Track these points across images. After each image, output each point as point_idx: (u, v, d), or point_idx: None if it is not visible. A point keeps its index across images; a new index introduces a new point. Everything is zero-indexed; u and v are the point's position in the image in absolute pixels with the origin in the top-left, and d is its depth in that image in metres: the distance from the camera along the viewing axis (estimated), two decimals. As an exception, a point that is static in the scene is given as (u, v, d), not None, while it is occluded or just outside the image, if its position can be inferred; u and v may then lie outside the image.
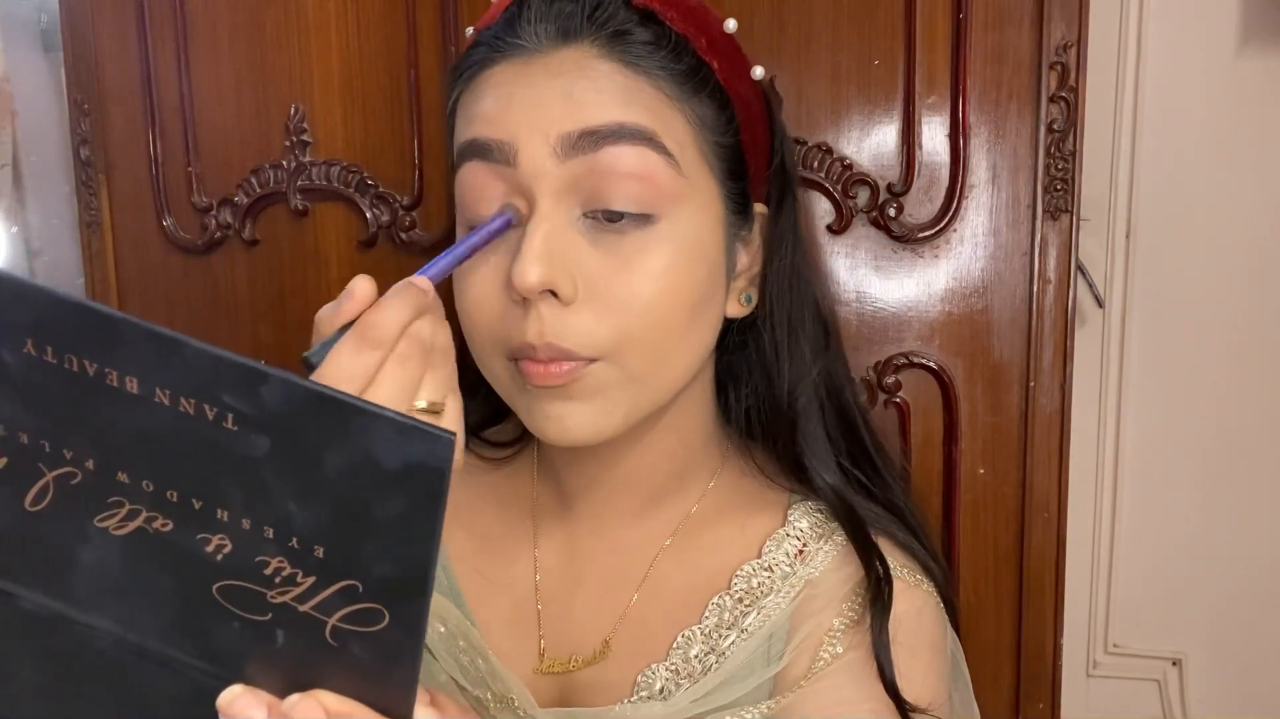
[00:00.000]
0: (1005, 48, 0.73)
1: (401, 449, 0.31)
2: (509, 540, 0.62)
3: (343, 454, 0.32)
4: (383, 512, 0.32)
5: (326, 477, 0.32)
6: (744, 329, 0.58)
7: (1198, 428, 0.94)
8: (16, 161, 1.10)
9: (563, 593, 0.60)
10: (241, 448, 0.32)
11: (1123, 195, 0.93)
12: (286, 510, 0.33)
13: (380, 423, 0.31)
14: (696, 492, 0.60)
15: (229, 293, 0.90)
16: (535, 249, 0.47)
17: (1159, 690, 0.98)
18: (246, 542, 0.34)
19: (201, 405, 0.32)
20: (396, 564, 0.33)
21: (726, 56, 0.53)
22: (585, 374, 0.49)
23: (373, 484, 0.32)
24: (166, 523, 0.34)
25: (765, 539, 0.58)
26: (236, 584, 0.34)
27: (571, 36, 0.49)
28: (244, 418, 0.32)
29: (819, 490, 0.58)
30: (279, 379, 0.31)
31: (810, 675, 0.53)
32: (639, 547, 0.59)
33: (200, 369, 0.31)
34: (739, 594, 0.56)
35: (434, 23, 0.81)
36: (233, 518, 0.33)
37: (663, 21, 0.50)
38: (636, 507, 0.59)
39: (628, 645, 0.57)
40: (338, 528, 0.33)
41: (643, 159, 0.48)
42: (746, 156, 0.54)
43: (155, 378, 0.32)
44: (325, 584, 0.34)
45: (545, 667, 0.58)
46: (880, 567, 0.54)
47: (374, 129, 0.84)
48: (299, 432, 0.32)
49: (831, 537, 0.57)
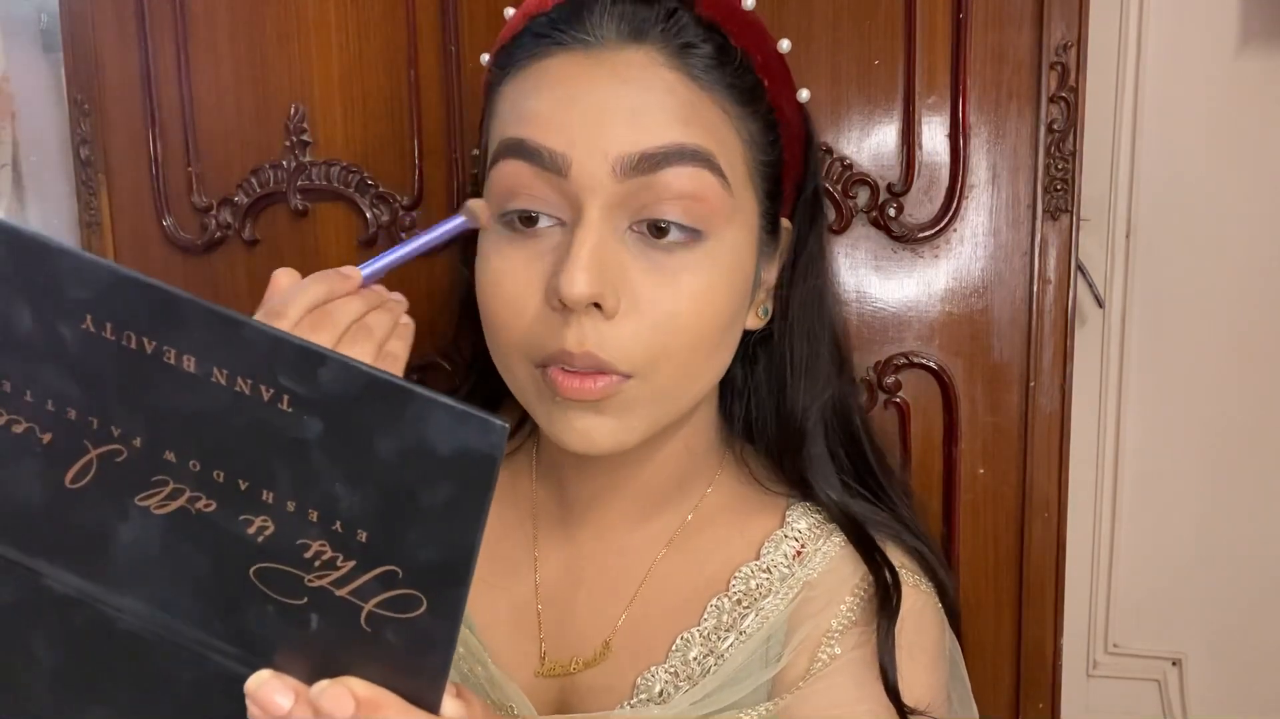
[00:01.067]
0: (1005, 48, 0.73)
1: (456, 435, 0.31)
2: (508, 544, 0.62)
3: (395, 439, 0.32)
4: (430, 497, 0.32)
5: (377, 460, 0.32)
6: (758, 342, 0.58)
7: (1198, 428, 0.94)
8: (16, 161, 1.10)
9: (563, 596, 0.60)
10: (294, 429, 0.32)
11: (1123, 195, 0.93)
12: (333, 493, 0.33)
13: (437, 408, 0.31)
14: (697, 495, 0.60)
15: (229, 293, 0.90)
16: (584, 260, 0.46)
17: (1159, 690, 0.98)
18: (289, 524, 0.34)
19: (258, 386, 0.32)
20: (440, 550, 0.33)
21: (778, 76, 0.53)
22: (618, 392, 0.49)
23: (423, 470, 0.32)
24: (210, 503, 0.34)
25: (763, 541, 0.58)
26: (275, 567, 0.34)
27: (642, 38, 0.48)
28: (299, 399, 0.32)
29: (823, 504, 0.58)
30: (337, 362, 0.31)
31: (808, 677, 0.53)
32: (639, 550, 0.59)
33: (259, 349, 0.32)
34: (737, 596, 0.56)
35: (434, 23, 0.81)
36: (278, 500, 0.33)
37: (725, 35, 0.49)
38: (639, 512, 0.59)
39: (627, 647, 0.57)
40: (383, 512, 0.33)
41: (698, 180, 0.48)
42: (784, 176, 0.54)
43: (213, 357, 0.32)
44: (365, 569, 0.34)
45: (546, 670, 0.58)
46: (889, 573, 0.55)
47: (374, 129, 0.84)
48: (353, 415, 0.32)
49: (830, 538, 0.57)
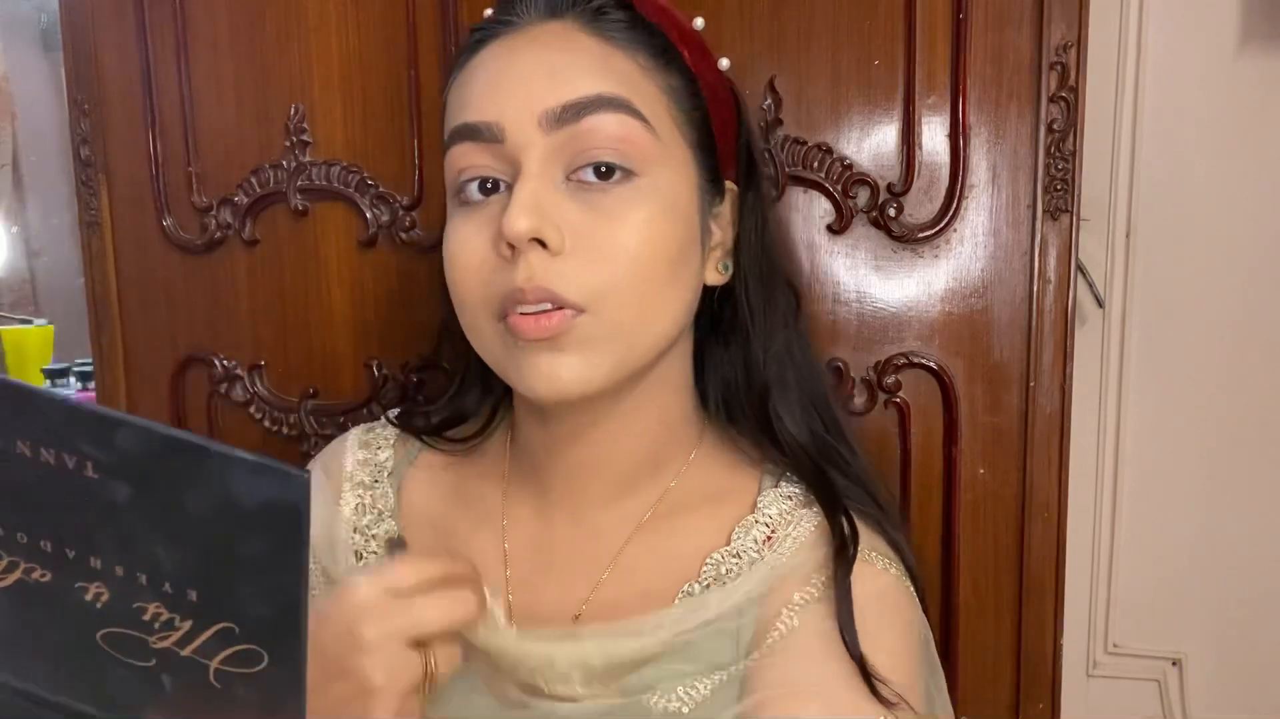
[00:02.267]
0: (1005, 48, 0.73)
1: (258, 488, 0.32)
2: (476, 536, 0.62)
3: (202, 496, 0.32)
4: (248, 550, 0.33)
5: (190, 519, 0.32)
6: (720, 304, 0.61)
7: (1198, 427, 0.94)
8: (16, 161, 1.11)
9: (534, 577, 0.60)
10: (104, 494, 0.32)
11: (1123, 195, 0.93)
12: (155, 555, 0.33)
13: (234, 463, 0.32)
14: (670, 476, 0.60)
15: (229, 293, 0.90)
16: (523, 201, 0.50)
17: (1159, 690, 0.98)
18: (122, 588, 0.34)
19: (61, 454, 0.32)
20: (268, 604, 0.33)
21: (695, 47, 0.57)
22: (573, 326, 0.51)
23: (234, 524, 0.32)
24: (45, 573, 0.34)
25: (734, 526, 0.58)
26: (119, 631, 0.35)
27: (558, 13, 0.54)
28: (102, 465, 0.32)
29: (791, 454, 0.59)
30: (132, 425, 0.32)
31: (764, 648, 0.53)
32: (611, 530, 0.60)
33: (55, 419, 0.32)
34: (707, 581, 0.56)
35: (434, 23, 0.81)
36: (106, 565, 0.34)
37: (636, 10, 0.54)
38: (612, 491, 0.60)
39: (597, 625, 0.57)
40: (207, 570, 0.33)
41: (622, 124, 0.52)
42: (716, 134, 0.57)
43: (14, 430, 0.32)
44: (203, 627, 0.34)
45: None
46: (848, 525, 0.55)
47: (374, 129, 0.84)
48: (157, 476, 0.32)
49: (800, 523, 0.58)
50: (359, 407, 0.88)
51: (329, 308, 0.87)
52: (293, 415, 0.89)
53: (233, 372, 0.90)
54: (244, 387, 0.90)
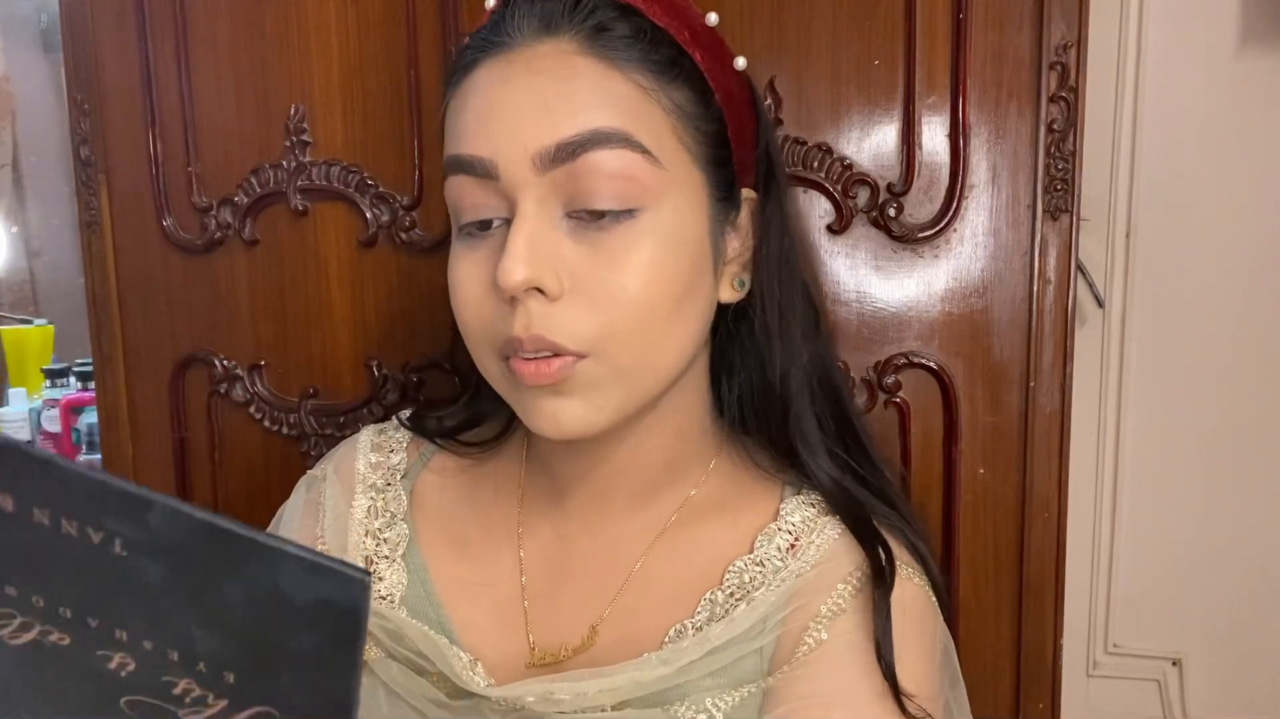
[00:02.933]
0: (1005, 48, 0.73)
1: (311, 586, 0.29)
2: (491, 543, 0.62)
3: (245, 586, 0.30)
4: (296, 645, 0.30)
5: (230, 606, 0.30)
6: (737, 316, 0.59)
7: (1198, 428, 0.94)
8: (16, 161, 1.11)
9: (550, 587, 0.60)
10: (134, 572, 0.30)
11: (1123, 195, 0.93)
12: (190, 635, 0.31)
13: (285, 559, 0.29)
14: (689, 485, 0.60)
15: (229, 293, 0.90)
16: (519, 249, 0.48)
17: (1159, 690, 0.98)
18: (150, 662, 0.32)
19: (85, 528, 0.30)
20: (315, 695, 0.31)
21: (709, 48, 0.54)
22: (574, 372, 0.50)
23: (282, 618, 0.30)
24: (63, 637, 0.32)
25: (757, 534, 0.58)
26: (144, 700, 0.32)
27: (552, 29, 0.50)
28: (132, 543, 0.30)
29: (814, 477, 0.58)
30: (165, 507, 0.29)
31: (793, 661, 0.53)
32: (629, 540, 0.59)
33: (78, 492, 0.29)
34: (730, 589, 0.56)
35: (434, 23, 0.81)
36: (133, 639, 0.31)
37: (644, 15, 0.51)
38: (629, 500, 0.59)
39: (617, 636, 0.57)
40: (248, 656, 0.31)
41: (621, 160, 0.49)
42: (732, 143, 0.55)
43: (31, 497, 0.30)
44: (238, 708, 0.32)
45: (537, 659, 0.58)
46: (884, 551, 0.55)
47: (374, 129, 0.84)
48: (195, 560, 0.30)
49: (824, 530, 0.57)
50: (359, 407, 0.88)
51: (329, 308, 0.87)
52: (293, 415, 0.89)
53: (233, 372, 0.90)
54: (244, 387, 0.90)
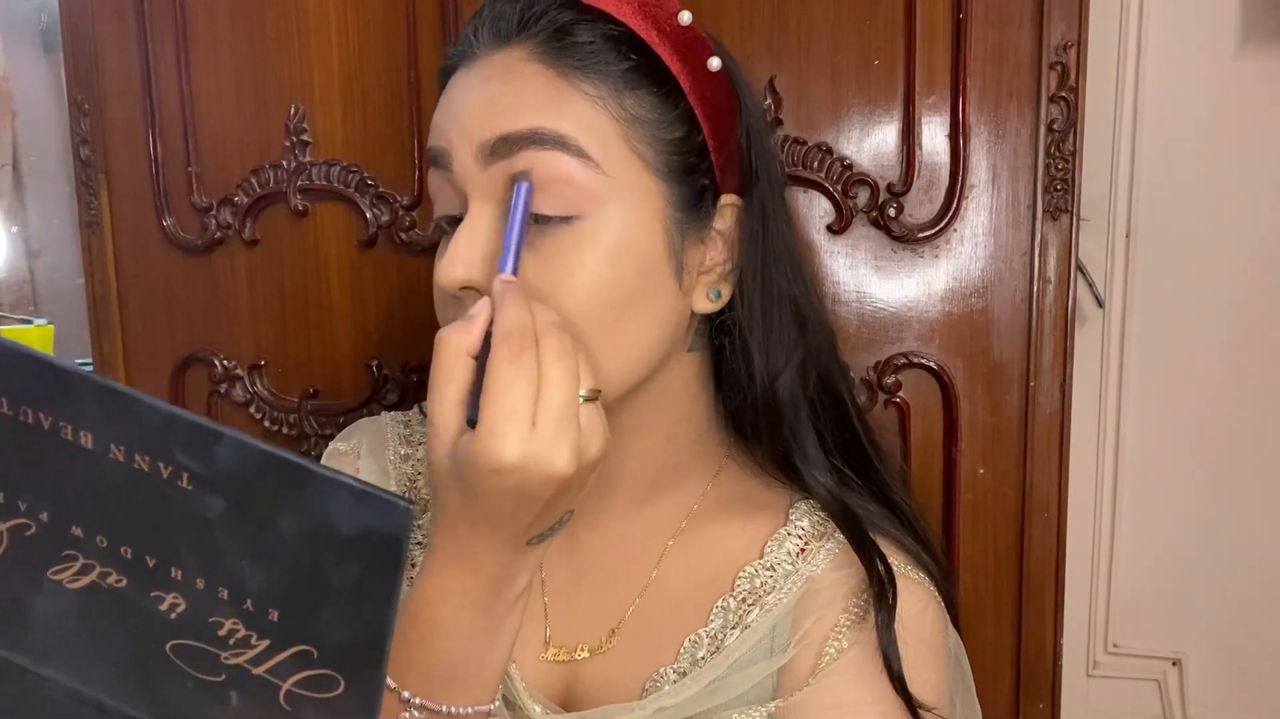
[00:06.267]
0: (1005, 48, 0.73)
1: (358, 515, 0.31)
2: None
3: (298, 518, 0.31)
4: (338, 578, 0.32)
5: (281, 539, 0.32)
6: (722, 328, 0.58)
7: (1197, 427, 0.94)
8: (16, 161, 1.10)
9: (568, 585, 0.60)
10: (196, 507, 0.32)
11: (1123, 195, 0.93)
12: (241, 572, 0.32)
13: (337, 488, 0.31)
14: (697, 490, 0.60)
15: (229, 293, 0.90)
16: (458, 249, 0.49)
17: (1159, 690, 0.98)
18: (200, 601, 0.33)
19: (156, 463, 0.31)
20: (352, 631, 0.33)
21: (680, 49, 0.52)
22: None
23: (328, 549, 0.31)
24: (120, 579, 0.34)
25: (767, 539, 0.58)
26: (190, 644, 0.34)
27: (504, 39, 0.51)
28: (198, 477, 0.31)
29: (811, 490, 0.58)
30: (233, 439, 0.31)
31: (816, 673, 0.53)
32: (639, 542, 0.59)
33: (154, 426, 0.31)
34: (742, 594, 0.56)
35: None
36: (186, 577, 0.33)
37: (612, 19, 0.50)
38: (629, 501, 0.59)
39: (634, 642, 0.58)
40: (292, 592, 0.32)
41: (557, 164, 0.49)
42: (710, 148, 0.53)
43: (110, 433, 0.32)
44: (280, 648, 0.33)
45: (551, 655, 0.58)
46: (882, 566, 0.54)
47: (374, 129, 0.84)
48: (254, 493, 0.31)
49: (834, 535, 0.57)
50: (359, 407, 0.88)
51: (329, 308, 0.87)
52: (293, 415, 0.89)
53: (233, 372, 0.90)
54: (244, 386, 0.90)
